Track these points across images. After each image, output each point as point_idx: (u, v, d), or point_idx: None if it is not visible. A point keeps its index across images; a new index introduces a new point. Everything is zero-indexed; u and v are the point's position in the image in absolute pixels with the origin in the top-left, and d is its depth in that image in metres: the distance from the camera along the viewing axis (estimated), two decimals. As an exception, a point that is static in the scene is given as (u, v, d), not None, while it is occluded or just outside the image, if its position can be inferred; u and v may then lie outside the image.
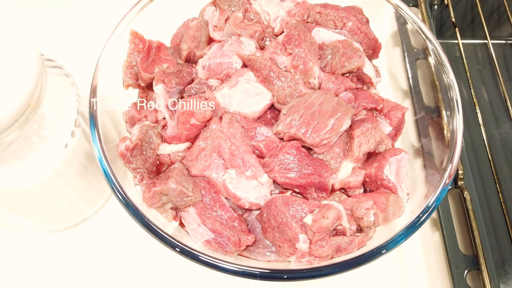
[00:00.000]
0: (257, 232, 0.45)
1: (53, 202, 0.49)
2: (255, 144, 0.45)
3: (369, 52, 0.54)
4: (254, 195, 0.44)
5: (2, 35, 0.38)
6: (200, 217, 0.43)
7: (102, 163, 0.40)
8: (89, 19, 0.76)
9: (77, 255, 0.56)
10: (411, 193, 0.46)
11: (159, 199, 0.41)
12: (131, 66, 0.48)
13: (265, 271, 0.37)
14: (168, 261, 0.56)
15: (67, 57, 0.52)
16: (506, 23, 0.75)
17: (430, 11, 0.75)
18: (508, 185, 0.62)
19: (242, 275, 0.37)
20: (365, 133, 0.46)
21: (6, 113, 0.37)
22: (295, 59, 0.48)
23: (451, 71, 0.48)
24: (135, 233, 0.57)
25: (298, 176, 0.43)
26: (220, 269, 0.37)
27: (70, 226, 0.56)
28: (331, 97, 0.46)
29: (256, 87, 0.48)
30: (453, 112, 0.47)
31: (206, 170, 0.44)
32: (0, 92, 0.36)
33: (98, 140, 0.41)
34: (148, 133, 0.46)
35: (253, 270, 0.37)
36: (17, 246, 0.56)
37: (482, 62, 0.78)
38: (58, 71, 0.47)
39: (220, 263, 0.37)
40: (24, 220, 0.51)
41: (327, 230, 0.39)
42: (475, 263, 0.52)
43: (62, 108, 0.45)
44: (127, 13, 0.49)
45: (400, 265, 0.57)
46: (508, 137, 0.67)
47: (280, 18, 0.53)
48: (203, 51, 0.52)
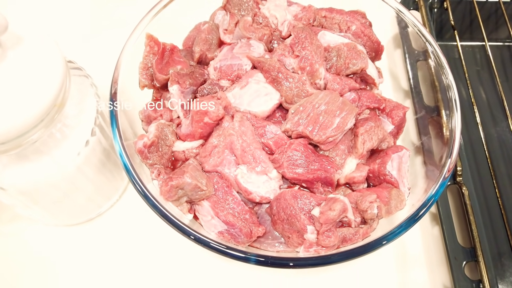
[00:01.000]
0: (267, 225, 0.48)
1: (73, 196, 0.51)
2: (264, 141, 0.48)
3: (372, 54, 0.56)
4: (264, 189, 0.46)
5: (30, 39, 0.41)
6: (214, 210, 0.45)
7: (123, 158, 0.43)
8: (106, 24, 0.79)
9: (93, 247, 0.58)
10: (412, 188, 0.49)
11: (175, 192, 0.44)
12: (147, 68, 0.51)
13: (276, 258, 0.40)
14: (179, 254, 0.59)
15: (86, 60, 0.55)
16: (503, 26, 0.77)
17: (430, 14, 0.77)
18: (505, 181, 0.65)
19: (254, 262, 0.39)
20: (369, 131, 0.48)
21: (34, 113, 0.39)
22: (302, 61, 0.50)
23: (450, 73, 0.50)
24: (147, 226, 0.60)
25: (306, 172, 0.46)
26: (232, 256, 0.40)
27: (86, 220, 0.59)
28: (337, 97, 0.49)
29: (265, 87, 0.50)
30: (452, 111, 0.49)
31: (219, 166, 0.47)
32: (29, 93, 0.39)
33: (119, 137, 0.44)
34: (163, 131, 0.48)
35: (263, 257, 0.40)
36: (37, 239, 0.59)
37: (480, 63, 0.80)
38: (78, 73, 0.49)
39: (232, 251, 0.40)
40: (45, 214, 0.54)
41: (334, 222, 0.42)
42: (473, 255, 0.55)
43: (83, 108, 0.48)
44: (142, 18, 0.52)
45: (402, 258, 0.60)
46: (505, 136, 0.70)
47: (288, 22, 0.55)
48: (214, 53, 0.55)
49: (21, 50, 0.40)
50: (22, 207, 0.51)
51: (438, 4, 0.78)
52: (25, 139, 0.41)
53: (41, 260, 0.58)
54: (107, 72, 0.51)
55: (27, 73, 0.40)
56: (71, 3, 0.83)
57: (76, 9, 0.81)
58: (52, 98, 0.40)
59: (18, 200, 0.48)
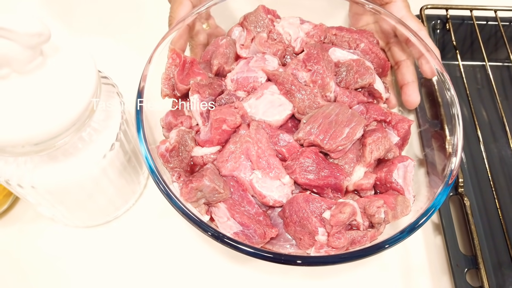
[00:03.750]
0: (279, 227, 0.50)
1: (96, 197, 0.54)
2: (278, 148, 0.51)
3: (379, 70, 0.60)
4: (277, 193, 0.49)
5: (67, 49, 0.45)
6: (230, 212, 0.48)
7: (148, 161, 0.46)
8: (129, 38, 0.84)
9: (111, 249, 0.61)
10: (416, 196, 0.52)
11: (194, 194, 0.47)
12: (169, 78, 0.55)
13: (289, 256, 0.42)
14: (188, 258, 0.61)
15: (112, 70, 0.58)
16: (502, 47, 0.81)
17: (433, 35, 0.81)
18: (504, 193, 0.68)
19: (267, 259, 0.42)
20: (376, 141, 0.52)
21: (67, 117, 0.42)
22: (314, 75, 0.54)
23: (452, 89, 0.54)
24: (162, 230, 0.63)
25: (317, 178, 0.49)
26: (247, 253, 0.42)
27: (104, 222, 0.61)
28: (346, 109, 0.52)
29: (279, 98, 0.54)
30: (454, 125, 0.52)
31: (235, 171, 0.50)
32: (64, 99, 0.42)
33: (144, 141, 0.47)
34: (184, 137, 0.52)
35: (278, 255, 0.42)
36: (55, 239, 0.61)
37: (481, 82, 0.84)
38: (105, 81, 0.53)
39: (247, 247, 0.42)
40: (67, 214, 0.56)
41: (344, 224, 0.45)
42: (474, 262, 0.57)
43: (109, 114, 0.51)
44: (166, 34, 0.56)
45: (406, 266, 0.62)
46: (505, 151, 0.73)
47: (300, 38, 0.59)
48: (231, 66, 0.58)
49: (59, 59, 0.44)
50: (48, 206, 0.53)
51: (441, 25, 0.82)
52: (57, 141, 0.44)
53: (57, 260, 0.60)
54: (131, 82, 0.55)
55: (63, 81, 0.43)
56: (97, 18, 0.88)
57: (105, 28, 0.86)
58: (85, 105, 0.44)
59: (44, 199, 0.51)
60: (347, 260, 0.43)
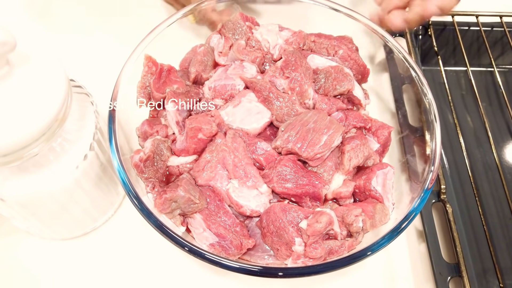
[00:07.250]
0: (257, 238, 0.49)
1: (70, 209, 0.53)
2: (255, 157, 0.50)
3: (359, 76, 0.60)
4: (254, 203, 0.48)
5: (35, 57, 0.44)
6: (206, 222, 0.47)
7: (120, 173, 0.45)
8: (105, 45, 0.82)
9: (88, 261, 0.59)
10: (396, 203, 0.51)
11: (169, 205, 0.46)
12: (145, 87, 0.54)
13: (265, 269, 0.41)
14: (170, 270, 0.60)
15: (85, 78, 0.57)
16: (484, 53, 0.81)
17: (415, 41, 0.81)
18: (488, 200, 0.67)
19: (244, 272, 0.41)
20: (355, 148, 0.51)
21: (36, 127, 0.41)
22: (292, 82, 0.53)
23: (430, 94, 0.53)
24: (141, 242, 0.61)
25: (295, 187, 0.48)
26: (224, 266, 0.41)
27: (82, 233, 0.60)
28: (324, 116, 0.51)
29: (257, 106, 0.53)
30: (433, 130, 0.52)
31: (212, 180, 0.49)
32: (33, 109, 0.41)
33: (116, 151, 0.46)
34: (159, 146, 0.51)
35: (254, 267, 0.41)
36: (32, 252, 0.60)
37: (465, 87, 0.84)
38: (79, 90, 0.52)
39: (224, 260, 0.41)
40: (42, 226, 0.55)
41: (320, 234, 0.44)
42: (457, 270, 0.57)
43: (82, 124, 0.50)
44: (142, 40, 0.55)
45: (390, 275, 0.61)
46: (488, 156, 0.72)
47: (279, 45, 0.59)
48: (209, 74, 0.58)
49: (27, 68, 0.42)
50: (20, 219, 0.52)
51: (423, 31, 0.82)
52: (26, 152, 0.43)
53: (34, 274, 0.58)
54: (106, 91, 0.54)
55: (31, 90, 0.42)
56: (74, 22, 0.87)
57: (77, 28, 0.85)
58: (54, 114, 0.42)
59: (16, 212, 0.50)
60: (325, 270, 0.42)
